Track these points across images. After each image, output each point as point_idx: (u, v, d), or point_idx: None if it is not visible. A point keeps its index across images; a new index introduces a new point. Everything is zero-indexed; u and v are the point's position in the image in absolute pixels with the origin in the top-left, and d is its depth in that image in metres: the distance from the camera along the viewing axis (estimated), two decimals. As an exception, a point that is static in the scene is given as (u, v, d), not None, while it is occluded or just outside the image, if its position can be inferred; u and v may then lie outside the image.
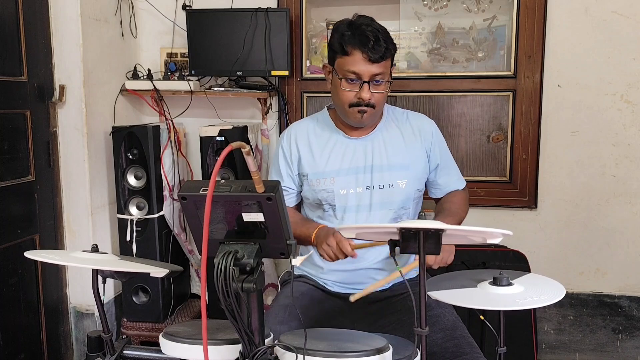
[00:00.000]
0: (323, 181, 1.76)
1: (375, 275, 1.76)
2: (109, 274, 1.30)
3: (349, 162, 1.76)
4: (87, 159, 2.57)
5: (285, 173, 1.82)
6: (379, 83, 1.66)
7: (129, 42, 2.90)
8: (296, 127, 1.87)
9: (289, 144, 1.83)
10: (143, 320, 2.70)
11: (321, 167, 1.77)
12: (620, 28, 2.61)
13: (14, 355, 2.36)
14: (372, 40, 1.61)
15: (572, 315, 2.82)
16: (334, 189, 1.75)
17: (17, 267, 2.36)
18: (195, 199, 1.05)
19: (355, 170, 1.76)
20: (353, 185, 1.75)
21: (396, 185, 1.75)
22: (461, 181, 1.90)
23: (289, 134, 1.85)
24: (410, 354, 1.17)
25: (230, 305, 1.02)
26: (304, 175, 1.79)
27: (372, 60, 1.62)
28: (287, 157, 1.82)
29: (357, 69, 1.64)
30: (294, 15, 2.82)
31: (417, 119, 1.86)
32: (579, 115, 2.69)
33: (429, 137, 1.82)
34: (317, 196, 1.77)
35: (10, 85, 2.31)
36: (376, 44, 1.61)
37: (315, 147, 1.80)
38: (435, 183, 1.86)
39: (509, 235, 1.09)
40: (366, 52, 1.61)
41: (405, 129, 1.81)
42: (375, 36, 1.62)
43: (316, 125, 1.84)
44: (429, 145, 1.81)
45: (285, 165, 1.82)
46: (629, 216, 2.71)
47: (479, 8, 2.74)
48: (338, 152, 1.78)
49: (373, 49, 1.61)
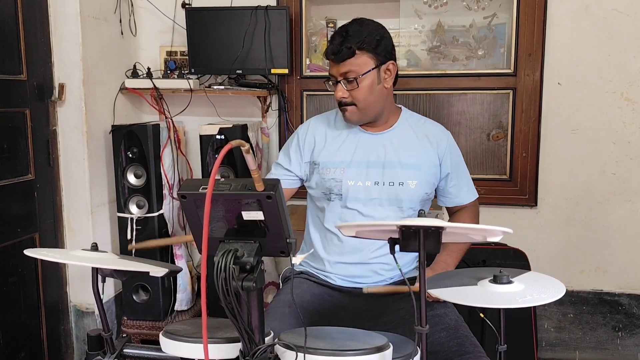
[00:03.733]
0: (333, 170, 1.78)
1: (378, 269, 1.77)
2: (108, 273, 1.30)
3: (360, 154, 1.78)
4: (86, 158, 2.57)
5: (294, 157, 1.86)
6: (351, 81, 1.69)
7: (129, 41, 2.90)
8: (316, 118, 1.93)
9: (305, 132, 1.87)
10: (143, 318, 2.70)
11: (333, 157, 1.80)
12: (620, 26, 2.60)
13: (14, 353, 2.36)
14: (336, 41, 1.69)
15: (573, 313, 2.82)
16: (342, 179, 1.76)
17: (17, 266, 2.36)
18: (195, 198, 1.05)
19: (366, 164, 1.77)
20: (363, 178, 1.76)
21: (406, 184, 1.75)
22: (472, 193, 1.88)
23: (308, 124, 1.91)
24: (411, 353, 1.17)
25: (230, 304, 1.02)
26: (316, 164, 1.82)
27: (335, 61, 1.70)
28: (300, 144, 1.86)
29: (330, 71, 1.74)
30: (294, 13, 2.82)
31: (434, 126, 1.87)
32: (579, 113, 2.69)
33: (443, 146, 1.82)
34: (326, 185, 1.79)
35: (10, 84, 2.31)
36: (339, 44, 1.67)
37: (330, 138, 1.83)
38: (444, 192, 1.86)
39: (509, 233, 1.09)
40: (332, 55, 1.70)
41: (420, 133, 1.83)
42: (341, 37, 1.68)
43: (335, 118, 1.88)
44: (442, 153, 1.81)
45: (296, 150, 1.86)
46: (629, 214, 2.71)
47: (479, 6, 2.74)
48: (351, 143, 1.80)
49: (334, 49, 1.68)
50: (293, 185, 1.88)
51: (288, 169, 1.86)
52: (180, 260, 2.78)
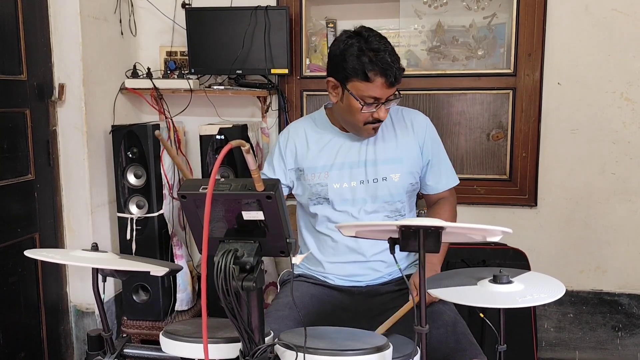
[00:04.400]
0: (317, 175, 1.79)
1: (376, 267, 1.78)
2: (109, 273, 1.30)
3: (343, 156, 1.79)
4: (86, 158, 2.57)
5: (278, 166, 1.86)
6: (391, 99, 1.69)
7: (129, 41, 2.90)
8: (294, 125, 1.93)
9: (286, 140, 1.87)
10: (143, 318, 2.70)
11: (316, 162, 1.80)
12: (620, 26, 2.60)
13: (14, 354, 2.36)
14: (394, 67, 1.62)
15: (572, 313, 2.82)
16: (327, 183, 1.77)
17: (17, 266, 2.36)
18: (195, 198, 1.05)
19: (349, 165, 1.78)
20: (347, 179, 1.77)
21: (389, 179, 1.77)
22: (452, 179, 1.88)
23: (287, 131, 1.90)
24: (411, 352, 1.17)
25: (230, 304, 1.02)
26: (301, 170, 1.82)
27: (392, 85, 1.65)
28: (282, 152, 1.86)
29: (378, 94, 1.65)
30: (294, 13, 2.81)
31: (411, 114, 1.88)
32: (579, 113, 2.69)
33: (422, 132, 1.83)
34: (312, 190, 1.79)
35: (10, 84, 2.31)
36: (398, 70, 1.63)
37: (312, 143, 1.83)
38: (425, 180, 1.86)
39: (508, 233, 1.09)
40: (389, 79, 1.63)
41: (399, 124, 1.84)
42: (394, 61, 1.63)
43: (313, 123, 1.89)
44: (422, 139, 1.83)
45: (279, 159, 1.86)
46: (629, 214, 2.71)
47: (478, 6, 2.74)
48: (333, 147, 1.81)
49: (395, 75, 1.63)
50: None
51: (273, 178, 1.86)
52: (181, 260, 2.78)
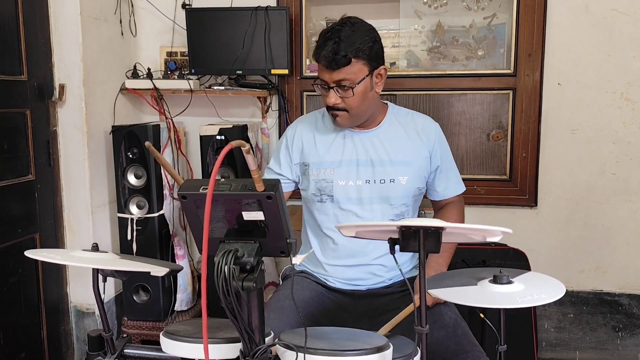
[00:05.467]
0: (323, 171, 1.78)
1: (376, 270, 1.77)
2: (109, 273, 1.30)
3: (350, 154, 1.78)
4: (87, 158, 2.57)
5: (284, 160, 1.85)
6: (346, 88, 1.66)
7: (129, 41, 2.90)
8: (302, 119, 1.92)
9: (293, 134, 1.87)
10: (144, 319, 2.71)
11: (322, 157, 1.79)
12: (620, 26, 2.60)
13: (14, 354, 2.36)
14: (329, 47, 1.62)
15: (573, 314, 2.82)
16: (333, 179, 1.76)
17: (17, 266, 2.36)
18: (195, 198, 1.05)
19: (356, 163, 1.77)
20: (353, 177, 1.76)
21: (397, 181, 1.75)
22: (460, 186, 1.88)
23: (295, 125, 1.90)
24: (411, 353, 1.17)
25: (230, 304, 1.02)
26: (306, 165, 1.81)
27: (330, 68, 1.64)
28: (289, 146, 1.85)
29: (322, 76, 1.68)
30: (294, 14, 2.82)
31: (422, 119, 1.86)
32: (579, 113, 2.69)
33: (432, 138, 1.82)
34: (317, 186, 1.78)
35: (10, 85, 2.31)
36: (333, 51, 1.62)
37: (319, 138, 1.82)
38: (433, 186, 1.86)
39: (509, 233, 1.09)
40: (325, 61, 1.64)
41: (409, 128, 1.82)
42: (334, 42, 1.62)
43: (322, 118, 1.87)
44: (432, 145, 1.81)
45: (286, 153, 1.85)
46: (629, 214, 2.71)
47: (478, 6, 2.74)
48: (340, 143, 1.80)
49: (329, 57, 1.63)
50: (287, 189, 1.86)
51: (279, 172, 1.85)
52: (181, 260, 2.78)
